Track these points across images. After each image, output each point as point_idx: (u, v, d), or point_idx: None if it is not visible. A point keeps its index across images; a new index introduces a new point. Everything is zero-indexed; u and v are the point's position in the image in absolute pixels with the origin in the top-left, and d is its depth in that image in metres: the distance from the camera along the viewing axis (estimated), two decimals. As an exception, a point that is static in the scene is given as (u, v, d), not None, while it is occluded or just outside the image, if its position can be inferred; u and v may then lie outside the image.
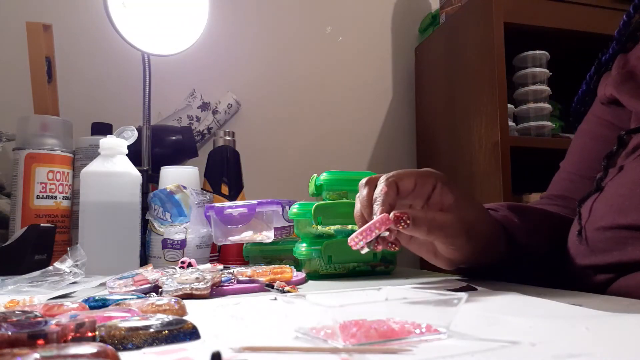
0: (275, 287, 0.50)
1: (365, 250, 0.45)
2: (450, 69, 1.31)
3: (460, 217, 0.47)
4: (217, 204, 0.75)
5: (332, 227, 0.65)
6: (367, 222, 0.46)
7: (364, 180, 0.50)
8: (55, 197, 0.81)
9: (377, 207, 0.46)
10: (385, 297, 0.37)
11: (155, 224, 0.78)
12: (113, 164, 0.74)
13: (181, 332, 0.27)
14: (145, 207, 0.80)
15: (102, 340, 0.26)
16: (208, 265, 0.55)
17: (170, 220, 0.77)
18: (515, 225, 0.54)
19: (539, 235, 0.55)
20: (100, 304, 0.38)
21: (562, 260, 0.52)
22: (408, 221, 0.43)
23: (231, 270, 0.54)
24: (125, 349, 0.26)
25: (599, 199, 0.49)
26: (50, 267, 0.56)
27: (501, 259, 0.53)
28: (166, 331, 0.27)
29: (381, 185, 0.47)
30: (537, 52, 1.21)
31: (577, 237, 0.49)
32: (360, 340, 0.26)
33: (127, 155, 0.76)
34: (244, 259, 0.78)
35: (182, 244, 0.76)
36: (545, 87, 1.21)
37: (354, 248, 0.45)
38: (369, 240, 0.44)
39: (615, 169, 0.51)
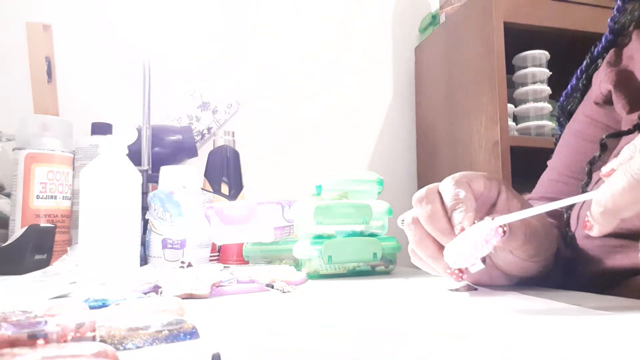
0: (275, 287, 0.50)
1: (478, 268, 0.36)
2: (450, 68, 1.31)
3: (530, 221, 0.41)
4: (217, 204, 0.75)
5: (332, 227, 0.65)
6: (435, 242, 0.40)
7: (420, 194, 0.42)
8: (55, 197, 0.81)
9: (461, 215, 0.38)
10: (385, 297, 0.37)
11: (155, 224, 0.78)
12: (113, 164, 0.74)
13: (181, 332, 0.27)
14: (145, 207, 0.80)
15: (102, 340, 0.26)
16: (208, 265, 0.55)
17: (170, 220, 0.77)
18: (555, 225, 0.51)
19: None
20: (100, 304, 0.38)
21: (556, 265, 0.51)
22: (505, 228, 0.36)
23: (231, 270, 0.54)
24: (125, 349, 0.26)
25: (585, 206, 0.47)
26: (50, 267, 0.56)
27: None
28: (166, 331, 0.27)
29: (454, 189, 0.40)
30: (537, 51, 1.21)
31: (569, 245, 0.49)
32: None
33: (127, 155, 0.76)
34: (244, 259, 0.78)
35: (182, 244, 0.76)
36: (545, 87, 1.21)
37: (458, 267, 0.38)
38: (483, 256, 0.36)
39: (598, 173, 0.51)
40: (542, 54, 1.21)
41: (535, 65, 1.21)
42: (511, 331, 0.29)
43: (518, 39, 1.14)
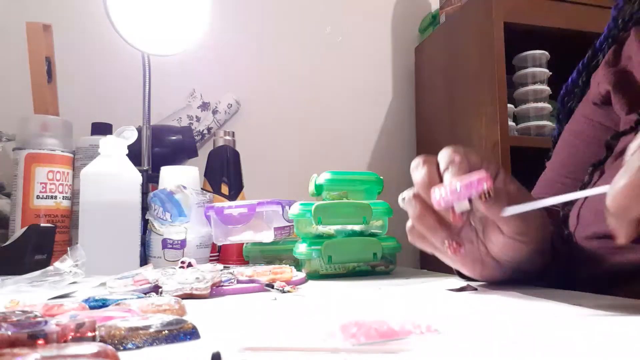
0: (275, 287, 0.50)
1: (463, 208, 0.37)
2: (450, 68, 1.31)
3: (516, 195, 0.41)
4: (217, 204, 0.75)
5: (332, 227, 0.65)
6: (433, 215, 0.40)
7: (417, 161, 0.42)
8: (55, 197, 0.81)
9: (451, 176, 0.39)
10: (385, 297, 0.37)
11: (155, 224, 0.78)
12: (113, 164, 0.74)
13: (181, 332, 0.27)
14: (145, 207, 0.80)
15: (102, 340, 0.26)
16: (208, 265, 0.55)
17: (170, 220, 0.77)
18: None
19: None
20: (100, 304, 0.38)
21: (555, 264, 0.51)
22: (490, 192, 0.36)
23: (231, 270, 0.54)
24: (125, 349, 0.26)
25: (585, 206, 0.48)
26: (50, 267, 0.56)
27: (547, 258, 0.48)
28: (166, 331, 0.27)
29: (450, 155, 0.41)
30: (537, 52, 1.20)
31: (566, 243, 0.49)
32: (360, 340, 0.26)
33: (127, 155, 0.76)
34: (244, 259, 0.78)
35: (182, 244, 0.76)
36: (545, 87, 1.21)
37: (438, 207, 0.38)
38: (468, 196, 0.36)
39: (599, 173, 0.50)
40: (542, 54, 1.21)
41: (535, 65, 1.21)
42: (511, 331, 0.29)
43: (518, 39, 1.14)
